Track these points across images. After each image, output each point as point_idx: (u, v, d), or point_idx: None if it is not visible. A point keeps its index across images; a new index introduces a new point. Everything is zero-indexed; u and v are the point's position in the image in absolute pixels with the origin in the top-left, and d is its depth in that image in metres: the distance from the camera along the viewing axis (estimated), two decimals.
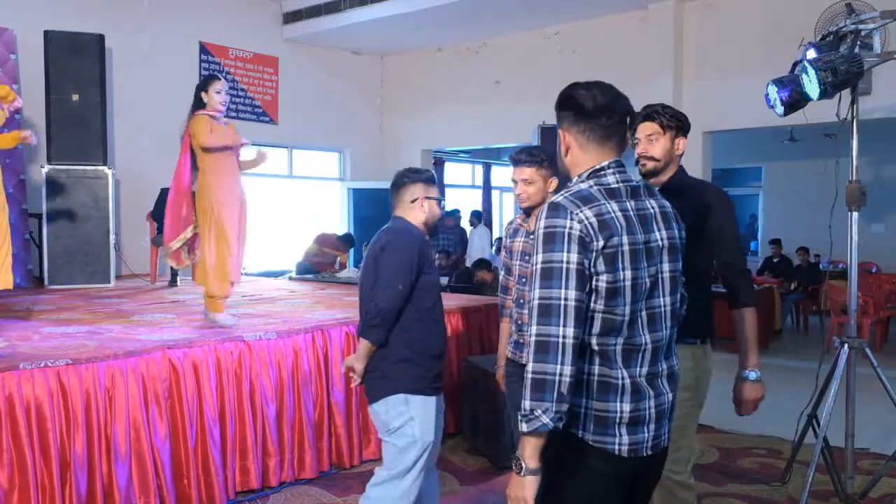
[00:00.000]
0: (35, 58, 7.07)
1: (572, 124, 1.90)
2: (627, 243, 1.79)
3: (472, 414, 4.87)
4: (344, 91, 10.62)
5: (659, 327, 1.88)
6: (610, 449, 1.82)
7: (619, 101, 1.88)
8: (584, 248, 1.75)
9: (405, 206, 3.07)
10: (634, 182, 1.90)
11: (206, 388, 3.80)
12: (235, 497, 3.91)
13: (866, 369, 3.50)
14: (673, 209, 1.98)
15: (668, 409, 1.92)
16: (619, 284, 1.78)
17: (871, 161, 10.83)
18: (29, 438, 3.20)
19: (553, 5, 8.44)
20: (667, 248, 1.89)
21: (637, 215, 1.85)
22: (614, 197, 1.83)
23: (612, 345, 1.81)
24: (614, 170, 1.88)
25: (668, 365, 1.93)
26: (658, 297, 1.88)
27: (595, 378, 1.82)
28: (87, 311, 5.25)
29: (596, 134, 1.87)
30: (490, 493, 4.09)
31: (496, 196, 13.99)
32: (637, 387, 1.83)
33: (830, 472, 3.51)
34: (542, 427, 1.71)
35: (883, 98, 6.49)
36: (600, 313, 1.79)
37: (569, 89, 1.92)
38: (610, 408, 1.81)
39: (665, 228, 1.90)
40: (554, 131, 7.10)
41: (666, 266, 1.89)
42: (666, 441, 1.93)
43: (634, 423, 1.83)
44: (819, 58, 3.15)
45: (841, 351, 3.40)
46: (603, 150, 1.88)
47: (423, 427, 2.95)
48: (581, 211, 1.77)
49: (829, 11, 3.39)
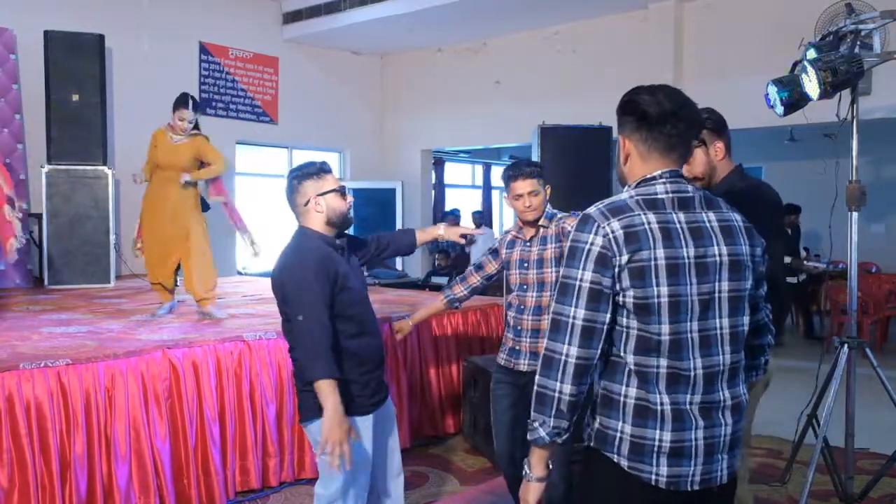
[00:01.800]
0: (35, 58, 7.07)
1: (634, 131, 1.77)
2: (663, 257, 1.67)
3: (472, 414, 4.87)
4: (344, 91, 10.62)
5: (715, 351, 1.71)
6: (646, 478, 1.70)
7: (686, 108, 1.76)
8: (604, 265, 1.67)
9: (302, 213, 2.69)
10: (689, 192, 1.75)
11: (205, 388, 3.80)
12: (235, 497, 3.91)
13: (866, 369, 3.50)
14: (748, 223, 1.81)
15: (724, 442, 1.73)
16: (651, 301, 1.67)
17: (870, 161, 10.83)
18: (29, 438, 3.20)
19: (553, 5, 8.44)
20: (727, 265, 1.72)
21: (687, 228, 1.71)
22: (654, 208, 1.71)
23: (653, 367, 1.69)
24: (666, 179, 1.74)
25: (732, 394, 1.75)
26: (714, 318, 1.72)
27: (632, 401, 1.70)
28: (87, 310, 5.25)
29: (659, 143, 1.74)
30: (490, 494, 4.09)
31: (496, 196, 14.00)
32: (680, 415, 1.69)
33: (830, 472, 3.51)
34: (539, 440, 1.72)
35: (883, 98, 6.49)
36: (635, 330, 1.69)
37: (632, 93, 1.79)
38: (647, 435, 1.69)
39: (726, 244, 1.73)
40: (554, 131, 7.05)
41: (725, 284, 1.72)
42: (723, 478, 1.75)
43: (677, 454, 1.69)
44: (819, 58, 3.15)
45: (841, 351, 3.40)
46: (665, 160, 1.76)
47: (358, 451, 2.60)
48: (609, 223, 1.68)
49: (829, 11, 3.39)
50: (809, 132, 8.62)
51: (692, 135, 1.80)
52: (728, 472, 1.76)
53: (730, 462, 1.76)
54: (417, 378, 4.92)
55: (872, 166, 10.96)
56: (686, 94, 1.79)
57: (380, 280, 8.16)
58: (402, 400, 4.76)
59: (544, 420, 1.70)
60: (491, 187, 13.70)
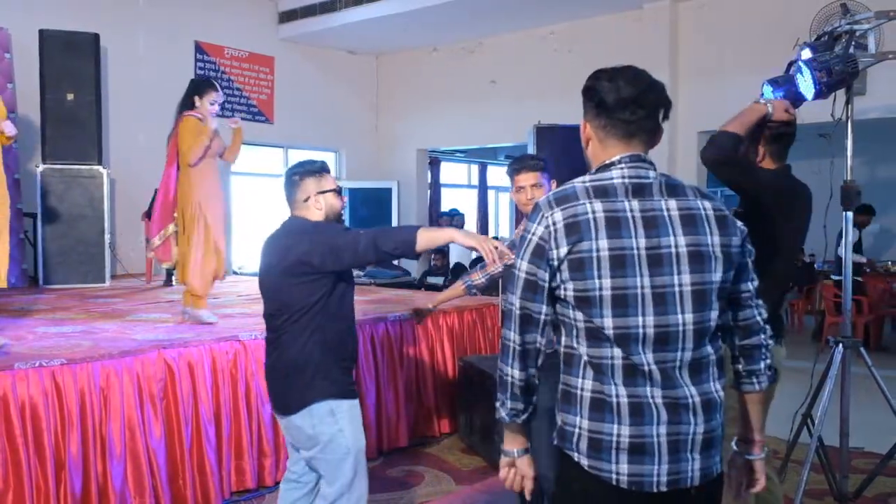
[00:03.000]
0: (30, 57, 7.05)
1: (594, 117, 1.72)
2: (606, 248, 1.60)
3: (468, 414, 4.87)
4: (339, 91, 10.61)
5: (672, 347, 1.62)
6: (606, 477, 1.62)
7: (647, 94, 1.68)
8: (539, 256, 1.66)
9: (300, 206, 2.78)
10: (648, 179, 1.67)
11: (201, 388, 3.79)
12: (231, 497, 3.91)
13: (861, 369, 3.51)
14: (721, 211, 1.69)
15: (693, 440, 1.63)
16: (591, 294, 1.61)
17: (865, 161, 10.85)
18: (23, 438, 3.19)
19: (548, 5, 8.44)
20: (686, 255, 1.63)
21: (640, 217, 1.63)
22: (605, 195, 1.64)
23: (607, 358, 1.63)
24: (626, 164, 1.67)
25: (700, 391, 1.64)
26: (674, 312, 1.62)
27: (588, 393, 1.65)
28: (82, 310, 5.23)
29: (617, 130, 1.69)
30: (485, 493, 4.09)
31: (492, 196, 14.00)
32: (639, 408, 1.61)
33: (825, 472, 3.51)
34: (501, 419, 1.79)
35: (877, 98, 6.49)
36: (582, 323, 1.64)
37: (592, 78, 1.74)
38: (604, 429, 1.62)
39: (686, 233, 1.64)
40: (550, 131, 7.05)
41: (687, 277, 1.62)
42: (695, 479, 1.64)
43: (637, 450, 1.61)
44: (814, 58, 3.15)
45: (835, 350, 3.40)
46: (625, 146, 1.69)
47: (353, 434, 2.72)
48: (552, 214, 1.65)
49: (824, 12, 3.39)
50: (804, 132, 8.59)
51: (656, 119, 1.71)
52: (701, 472, 1.65)
53: (704, 463, 1.65)
54: (413, 378, 4.92)
55: (867, 166, 10.99)
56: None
57: (375, 280, 8.16)
58: (398, 400, 4.76)
59: (503, 401, 1.76)
60: (487, 187, 13.69)
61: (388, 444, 4.69)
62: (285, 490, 2.95)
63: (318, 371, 2.68)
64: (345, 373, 2.76)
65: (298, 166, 2.85)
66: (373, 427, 4.56)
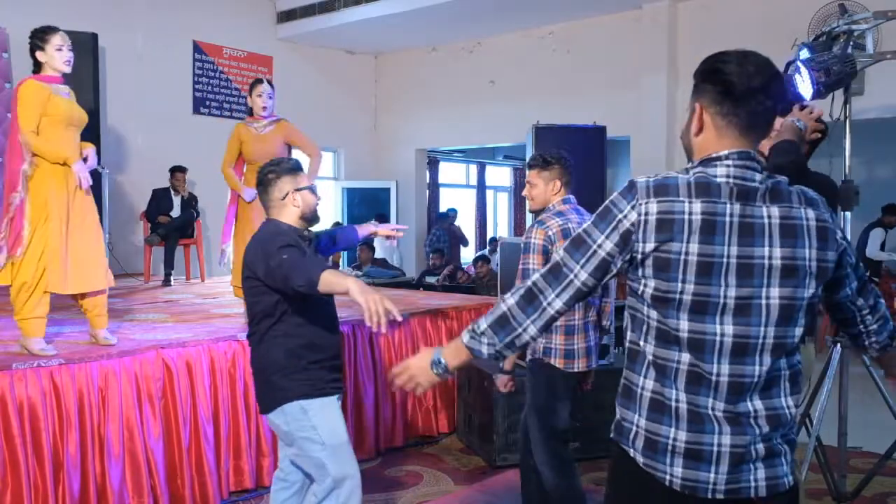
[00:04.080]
0: (27, 56, 6.99)
1: (714, 103, 1.58)
2: (696, 253, 1.52)
3: (466, 413, 4.87)
4: (338, 91, 10.61)
5: (750, 361, 1.55)
6: (660, 478, 1.59)
7: (774, 83, 1.57)
8: (624, 243, 1.57)
9: (277, 206, 2.78)
10: (754, 182, 1.56)
11: (199, 388, 3.79)
12: (229, 497, 3.91)
13: (859, 368, 3.51)
14: (824, 222, 1.60)
15: (757, 450, 1.56)
16: (672, 296, 1.54)
17: (863, 161, 10.86)
18: (22, 438, 3.19)
19: (547, 5, 8.45)
20: (779, 269, 1.54)
21: (738, 222, 1.53)
22: (707, 194, 1.54)
23: (674, 361, 1.57)
24: (734, 161, 1.56)
25: (766, 405, 1.57)
26: (756, 325, 1.55)
27: (648, 393, 1.61)
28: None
29: (740, 120, 1.56)
30: (484, 493, 4.09)
31: (490, 196, 14.00)
32: (699, 417, 1.56)
33: (823, 471, 3.51)
34: (476, 352, 1.68)
35: (875, 98, 6.50)
36: (654, 322, 1.59)
37: (717, 60, 1.60)
38: (662, 431, 1.58)
39: (783, 245, 1.55)
40: (549, 130, 7.03)
41: (776, 291, 1.54)
42: (760, 490, 1.57)
43: (694, 456, 1.56)
44: (812, 58, 3.15)
45: (834, 350, 3.41)
46: (743, 139, 1.58)
47: (329, 431, 2.71)
48: (648, 202, 1.55)
49: (822, 12, 3.40)
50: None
51: (775, 112, 1.62)
52: (767, 483, 1.57)
53: (769, 472, 1.58)
54: None
55: (865, 166, 11.00)
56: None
57: (374, 280, 8.15)
58: (395, 399, 4.76)
59: (494, 342, 1.66)
60: (485, 187, 13.69)
61: (387, 444, 4.69)
62: (275, 490, 2.98)
63: (285, 373, 2.69)
64: (321, 371, 2.74)
65: (273, 165, 2.84)
66: (371, 427, 4.56)
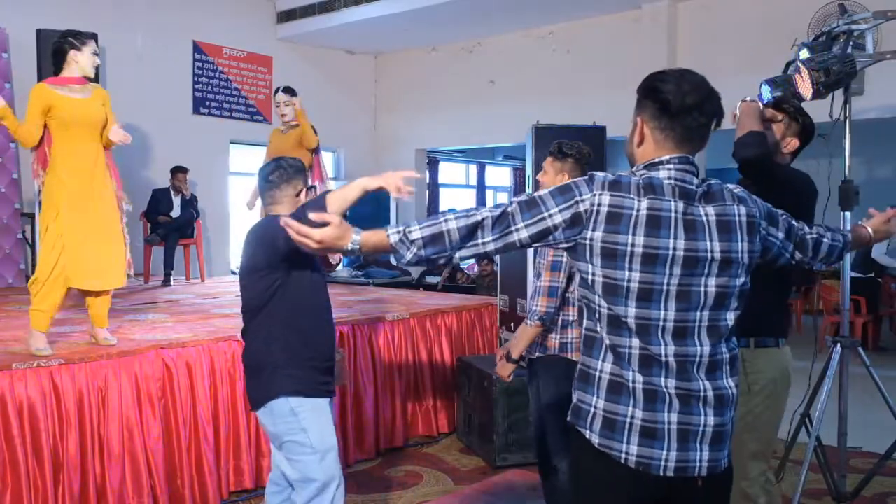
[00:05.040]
0: (27, 56, 7.04)
1: (653, 118, 1.73)
2: (642, 245, 1.66)
3: (466, 413, 4.87)
4: (338, 91, 10.60)
5: (691, 342, 1.70)
6: (616, 456, 1.70)
7: (709, 102, 1.73)
8: (573, 223, 1.69)
9: (289, 202, 2.72)
10: (691, 185, 1.72)
11: (199, 388, 3.79)
12: (229, 497, 3.91)
13: (859, 368, 3.51)
14: (753, 217, 1.77)
15: (702, 432, 1.70)
16: (620, 283, 1.67)
17: (863, 161, 10.87)
18: (21, 439, 3.19)
19: (547, 5, 8.45)
20: (718, 262, 1.70)
21: (682, 218, 1.68)
22: (653, 192, 1.68)
23: (626, 346, 1.70)
24: (675, 165, 1.72)
25: (714, 386, 1.71)
26: (695, 309, 1.70)
27: (606, 376, 1.72)
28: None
29: (675, 133, 1.72)
30: (484, 493, 4.09)
31: (490, 196, 13.99)
32: (654, 395, 1.68)
33: (823, 471, 3.52)
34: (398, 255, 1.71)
35: (875, 98, 6.51)
36: (605, 310, 1.70)
37: (656, 79, 1.75)
38: (620, 410, 1.70)
39: (721, 240, 1.70)
40: (547, 131, 7.04)
41: (713, 280, 1.70)
42: (702, 470, 1.70)
43: (649, 434, 1.68)
44: (812, 58, 3.15)
45: (834, 350, 3.41)
46: (679, 150, 1.73)
47: (320, 434, 2.65)
48: (602, 194, 1.68)
49: (822, 12, 3.41)
50: None
51: (710, 128, 1.77)
52: (709, 465, 1.71)
53: (712, 455, 1.71)
54: (411, 377, 4.92)
55: (865, 166, 11.01)
56: None
57: (374, 280, 8.15)
58: (396, 400, 4.76)
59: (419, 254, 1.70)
60: (485, 187, 13.69)
61: (387, 444, 4.69)
62: (269, 493, 2.92)
63: (277, 368, 2.64)
64: (313, 371, 2.69)
65: (284, 162, 2.82)
66: (371, 427, 4.56)
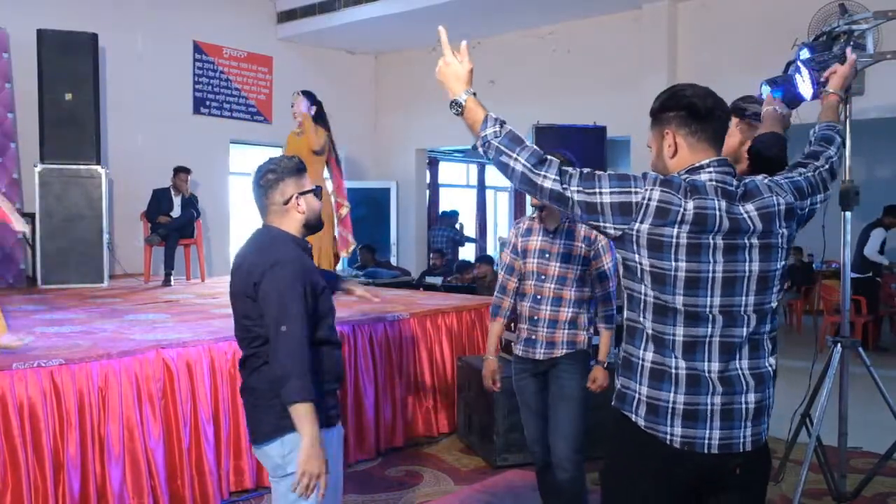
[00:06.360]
0: (28, 57, 7.05)
1: (682, 125, 1.85)
2: (686, 239, 1.75)
3: (466, 413, 4.87)
4: (338, 91, 10.55)
5: (739, 323, 1.80)
6: (661, 437, 1.81)
7: (722, 103, 1.89)
8: (621, 210, 1.78)
9: (278, 211, 2.40)
10: (733, 186, 1.82)
11: (200, 388, 3.79)
12: (229, 497, 3.91)
13: (859, 368, 3.52)
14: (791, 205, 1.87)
15: (747, 409, 1.81)
16: (667, 273, 1.77)
17: (863, 161, 10.87)
18: (22, 439, 3.19)
19: (547, 5, 8.45)
20: (758, 248, 1.81)
21: (726, 216, 1.77)
22: (697, 193, 1.77)
23: (671, 334, 1.79)
24: (714, 168, 1.82)
25: (755, 364, 1.84)
26: (740, 294, 1.80)
27: (648, 364, 1.82)
28: (80, 310, 5.23)
29: (707, 134, 1.84)
30: (485, 493, 4.09)
31: (490, 196, 13.99)
32: (697, 379, 1.79)
33: (823, 471, 3.52)
34: (483, 125, 2.15)
35: (876, 98, 6.50)
36: (651, 298, 1.80)
37: (673, 91, 1.88)
38: (662, 396, 1.80)
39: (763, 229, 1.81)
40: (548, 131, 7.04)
41: (756, 266, 1.80)
42: (747, 445, 1.83)
43: (691, 416, 1.79)
44: (812, 58, 3.15)
45: (834, 350, 3.41)
46: (711, 151, 1.85)
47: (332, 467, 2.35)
48: (654, 189, 1.77)
49: (823, 12, 3.40)
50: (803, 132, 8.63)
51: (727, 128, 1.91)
52: (753, 440, 1.83)
53: (755, 430, 1.83)
54: (412, 378, 4.91)
55: (865, 166, 11.00)
56: None
57: (374, 280, 8.15)
58: (396, 400, 4.76)
59: (496, 140, 2.16)
60: (485, 187, 13.68)
61: (387, 444, 4.69)
62: None
63: None
64: (327, 398, 2.42)
65: (273, 164, 2.43)
66: (371, 427, 4.57)
